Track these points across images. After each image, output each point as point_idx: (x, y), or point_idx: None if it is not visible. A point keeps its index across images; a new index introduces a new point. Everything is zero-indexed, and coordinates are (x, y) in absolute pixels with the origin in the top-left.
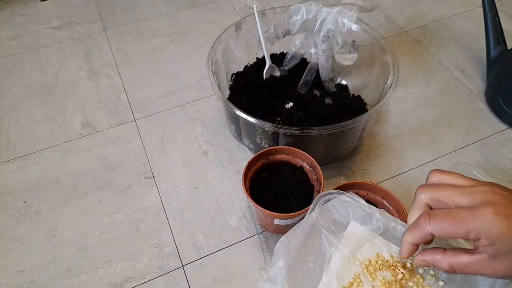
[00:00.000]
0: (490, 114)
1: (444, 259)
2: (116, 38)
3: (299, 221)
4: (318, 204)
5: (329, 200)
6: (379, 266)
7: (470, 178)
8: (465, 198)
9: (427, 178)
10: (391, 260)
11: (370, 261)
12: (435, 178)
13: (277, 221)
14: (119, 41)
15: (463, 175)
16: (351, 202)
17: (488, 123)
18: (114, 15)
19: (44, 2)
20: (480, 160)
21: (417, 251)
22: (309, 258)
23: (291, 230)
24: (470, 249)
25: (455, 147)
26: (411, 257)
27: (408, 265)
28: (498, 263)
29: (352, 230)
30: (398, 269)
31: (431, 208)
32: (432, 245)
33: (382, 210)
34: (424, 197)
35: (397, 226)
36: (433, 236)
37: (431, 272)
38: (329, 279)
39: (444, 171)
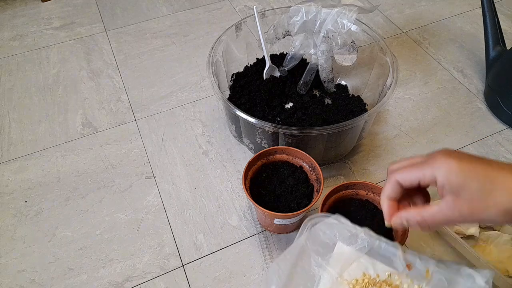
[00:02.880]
0: (489, 114)
1: (417, 212)
2: (117, 39)
3: (298, 220)
4: (306, 228)
5: (316, 223)
6: (366, 285)
7: None
8: (422, 157)
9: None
10: (377, 279)
11: (357, 280)
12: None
13: (277, 221)
14: (119, 41)
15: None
16: (337, 224)
17: (487, 123)
18: (115, 16)
19: (45, 3)
20: None
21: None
22: (300, 282)
23: (281, 255)
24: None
25: (454, 147)
26: (397, 272)
27: (396, 282)
28: (460, 202)
29: (339, 251)
30: (384, 286)
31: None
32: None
33: (366, 229)
34: (392, 170)
35: (381, 244)
36: (401, 185)
37: (416, 287)
38: None
39: None
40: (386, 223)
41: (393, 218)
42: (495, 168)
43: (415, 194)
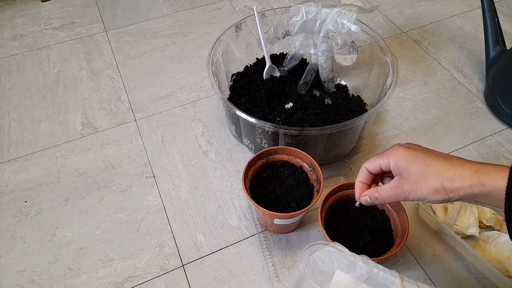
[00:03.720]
0: (489, 114)
1: (375, 190)
2: (117, 39)
3: (298, 220)
4: (305, 256)
5: (314, 251)
6: None
7: None
8: (386, 150)
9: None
10: None
11: None
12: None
13: (277, 221)
14: (119, 41)
15: None
16: (335, 252)
17: (487, 123)
18: (115, 16)
19: (45, 3)
20: (479, 160)
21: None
22: None
23: (280, 283)
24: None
25: (454, 147)
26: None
27: None
28: (403, 181)
29: (338, 280)
30: None
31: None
32: None
33: (365, 257)
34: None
35: (380, 272)
36: (368, 170)
37: None
38: None
39: None
40: (356, 201)
41: (361, 198)
42: (432, 157)
43: (385, 176)
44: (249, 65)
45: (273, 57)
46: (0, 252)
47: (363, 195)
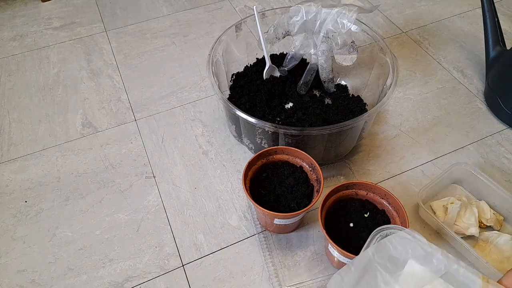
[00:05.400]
0: (489, 114)
1: None
2: (117, 39)
3: (298, 220)
4: (375, 239)
5: (386, 235)
6: None
7: None
8: None
9: None
10: None
11: None
12: None
13: (277, 221)
14: (119, 41)
15: None
16: (410, 240)
17: (487, 123)
18: (115, 16)
19: (45, 3)
20: (479, 160)
21: None
22: None
23: (345, 266)
24: None
25: (454, 147)
26: None
27: None
28: None
29: (410, 270)
30: None
31: None
32: None
33: (444, 250)
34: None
35: (460, 268)
36: None
37: None
38: None
39: None
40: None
41: None
42: None
43: None
44: (249, 65)
45: (273, 57)
46: (0, 252)
47: None
